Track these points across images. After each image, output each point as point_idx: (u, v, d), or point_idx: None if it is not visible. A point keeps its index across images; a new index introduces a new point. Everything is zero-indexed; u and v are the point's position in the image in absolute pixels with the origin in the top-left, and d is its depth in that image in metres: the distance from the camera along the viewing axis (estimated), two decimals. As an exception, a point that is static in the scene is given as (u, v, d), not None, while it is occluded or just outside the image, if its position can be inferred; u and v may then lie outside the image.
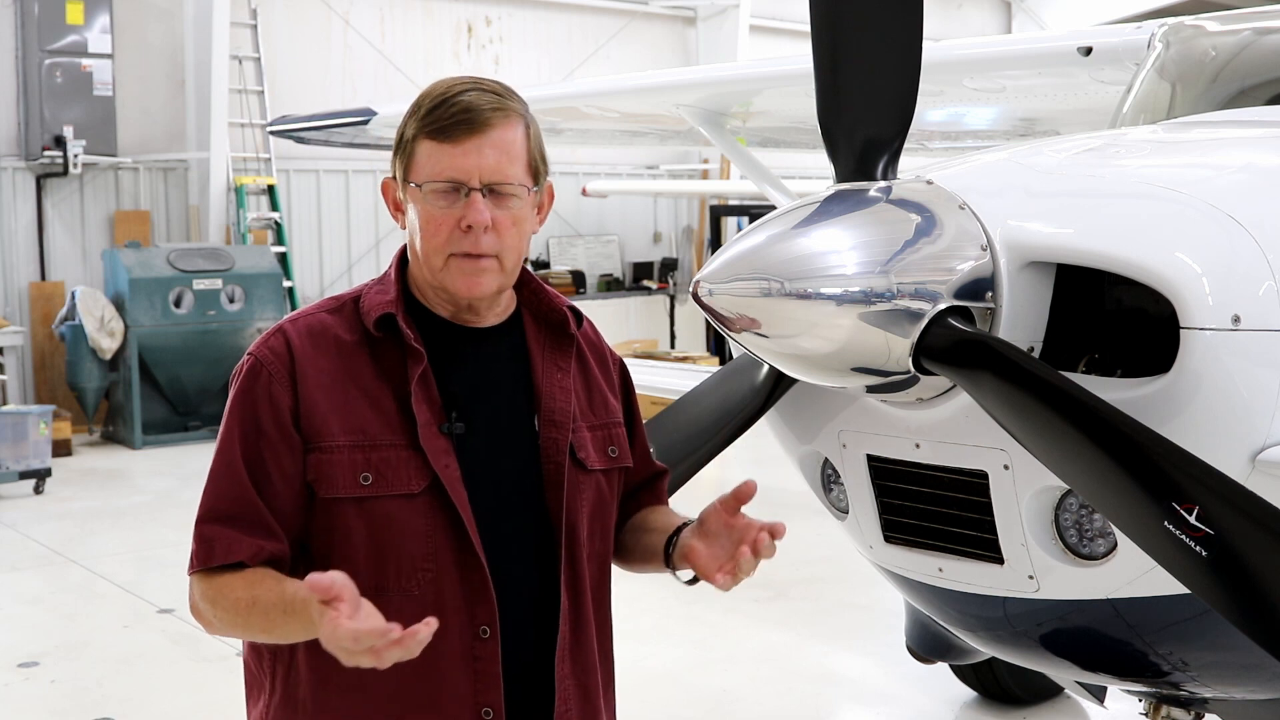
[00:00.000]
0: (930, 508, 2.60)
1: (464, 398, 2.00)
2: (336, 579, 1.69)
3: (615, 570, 2.21)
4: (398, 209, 2.05)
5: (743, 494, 1.95)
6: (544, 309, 2.13)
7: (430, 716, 1.95)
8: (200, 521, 1.94)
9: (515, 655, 1.99)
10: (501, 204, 1.96)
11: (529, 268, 2.14)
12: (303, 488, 1.94)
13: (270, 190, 13.18)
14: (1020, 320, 2.30)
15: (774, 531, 1.92)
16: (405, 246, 2.08)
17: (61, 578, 7.23)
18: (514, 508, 2.01)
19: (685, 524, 2.07)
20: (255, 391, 1.95)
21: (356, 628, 1.68)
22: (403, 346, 1.98)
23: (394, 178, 2.03)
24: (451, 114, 1.94)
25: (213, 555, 1.91)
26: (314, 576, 1.69)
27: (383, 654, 1.68)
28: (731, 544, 1.94)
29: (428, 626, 1.69)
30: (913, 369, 2.23)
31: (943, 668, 4.93)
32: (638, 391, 2.29)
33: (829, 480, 2.86)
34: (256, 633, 1.91)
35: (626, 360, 2.33)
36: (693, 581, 2.03)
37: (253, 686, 2.08)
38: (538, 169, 2.02)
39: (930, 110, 6.84)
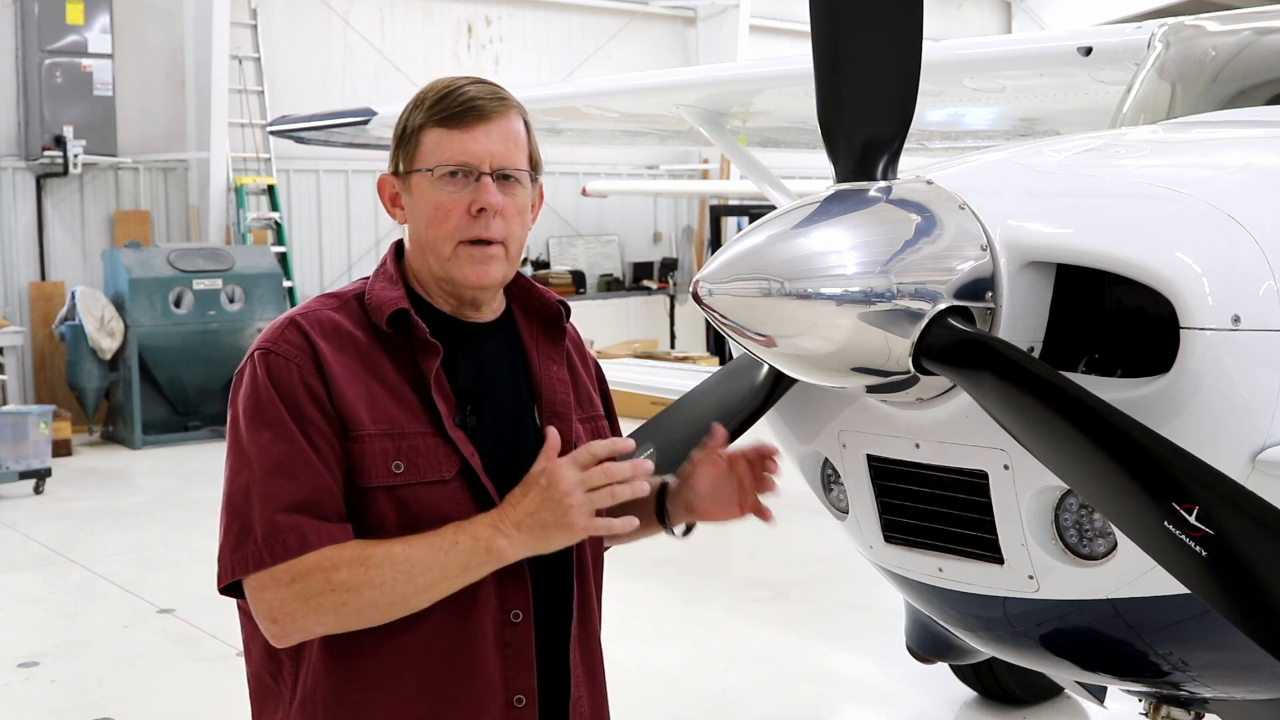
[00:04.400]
0: (930, 508, 2.60)
1: (473, 391, 2.01)
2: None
3: (609, 559, 2.25)
4: (395, 204, 2.06)
5: (715, 443, 2.20)
6: (535, 304, 2.15)
7: (462, 706, 1.94)
8: (280, 511, 1.85)
9: (537, 642, 2.00)
10: (509, 190, 1.99)
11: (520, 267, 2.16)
12: (346, 474, 1.92)
13: (270, 190, 13.19)
14: (1020, 320, 2.30)
15: (765, 453, 2.21)
16: (397, 244, 2.10)
17: (61, 578, 7.23)
18: None
19: (664, 486, 2.23)
20: (290, 382, 1.90)
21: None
22: (413, 342, 1.98)
23: (394, 172, 2.04)
24: (460, 102, 1.97)
25: (306, 543, 1.84)
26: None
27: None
28: (732, 486, 2.18)
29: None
30: (913, 369, 2.23)
31: (943, 668, 4.93)
32: (638, 392, 2.33)
33: (829, 480, 2.86)
34: (418, 569, 1.84)
35: (626, 360, 2.38)
36: (687, 532, 2.24)
37: (266, 699, 2.03)
38: (537, 162, 2.06)
39: (930, 110, 6.84)
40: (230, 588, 1.91)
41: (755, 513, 2.21)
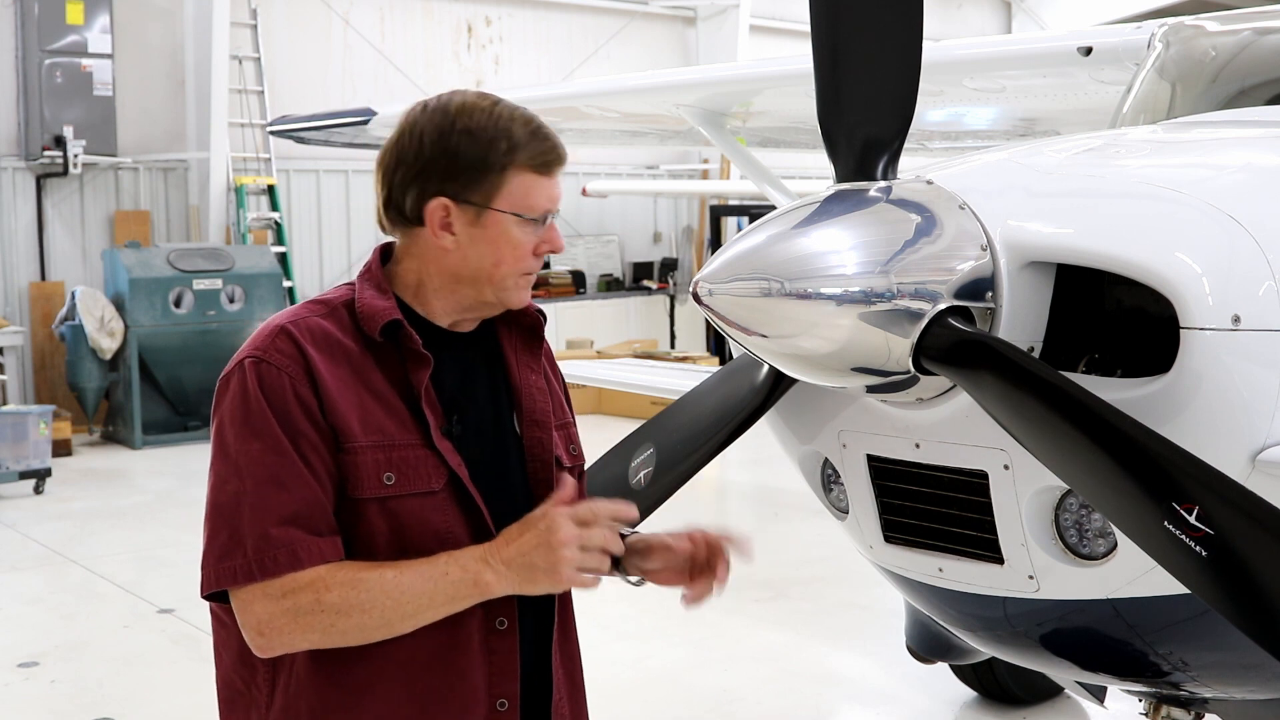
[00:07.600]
0: (930, 508, 2.60)
1: (458, 401, 2.03)
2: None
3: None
4: (445, 229, 1.97)
5: (680, 541, 2.13)
6: (514, 313, 2.15)
7: (447, 711, 1.96)
8: (273, 525, 1.85)
9: (521, 648, 2.02)
10: None
11: None
12: (336, 486, 1.92)
13: (270, 190, 13.18)
14: (1020, 320, 2.30)
15: (715, 547, 2.12)
16: (382, 249, 2.08)
17: (61, 578, 7.23)
18: (507, 505, 2.02)
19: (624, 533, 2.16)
20: (282, 392, 1.89)
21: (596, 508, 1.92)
22: (402, 351, 1.98)
23: (454, 199, 1.96)
24: (549, 148, 2.00)
25: (297, 560, 1.85)
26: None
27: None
28: (684, 559, 2.12)
29: None
30: (913, 369, 2.23)
31: (943, 668, 4.93)
32: (638, 392, 2.34)
33: (829, 480, 2.86)
34: (407, 597, 1.85)
35: (626, 360, 2.37)
36: (640, 583, 2.17)
37: (236, 703, 2.03)
38: None
39: (930, 110, 6.84)
40: (214, 593, 1.92)
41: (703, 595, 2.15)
